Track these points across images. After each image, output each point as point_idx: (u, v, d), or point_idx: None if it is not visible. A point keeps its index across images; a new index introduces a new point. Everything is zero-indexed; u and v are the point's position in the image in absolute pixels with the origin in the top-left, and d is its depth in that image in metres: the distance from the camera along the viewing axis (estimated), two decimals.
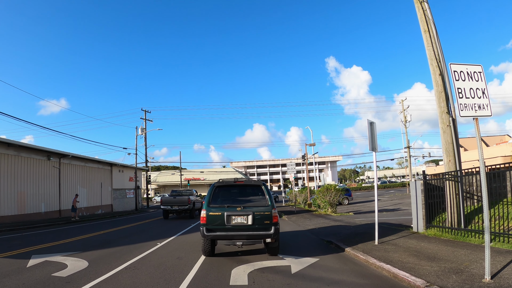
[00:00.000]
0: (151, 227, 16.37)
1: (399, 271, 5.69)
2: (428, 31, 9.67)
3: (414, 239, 8.85)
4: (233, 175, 72.10)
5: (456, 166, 8.98)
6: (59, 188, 25.41)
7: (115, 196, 34.60)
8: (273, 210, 7.06)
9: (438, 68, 9.33)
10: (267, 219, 6.96)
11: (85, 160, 29.29)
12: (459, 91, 5.01)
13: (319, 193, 19.30)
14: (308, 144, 26.56)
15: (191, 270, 6.42)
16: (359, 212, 19.82)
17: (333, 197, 18.68)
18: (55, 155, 25.22)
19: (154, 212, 32.08)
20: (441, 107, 9.20)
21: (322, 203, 19.38)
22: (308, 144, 26.54)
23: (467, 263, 6.15)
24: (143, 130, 44.09)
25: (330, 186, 18.64)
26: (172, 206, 20.20)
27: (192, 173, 77.27)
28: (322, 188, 19.05)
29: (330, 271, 6.25)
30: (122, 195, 36.06)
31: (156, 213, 29.57)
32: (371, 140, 8.16)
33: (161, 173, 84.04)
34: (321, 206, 20.02)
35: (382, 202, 29.50)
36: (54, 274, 6.35)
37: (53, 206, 24.70)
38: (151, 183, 78.17)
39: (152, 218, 23.59)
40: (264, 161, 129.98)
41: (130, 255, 8.20)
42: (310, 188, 28.16)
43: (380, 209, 21.89)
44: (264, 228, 6.94)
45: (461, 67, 5.16)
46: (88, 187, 29.35)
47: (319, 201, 19.65)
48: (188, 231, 13.71)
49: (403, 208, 21.76)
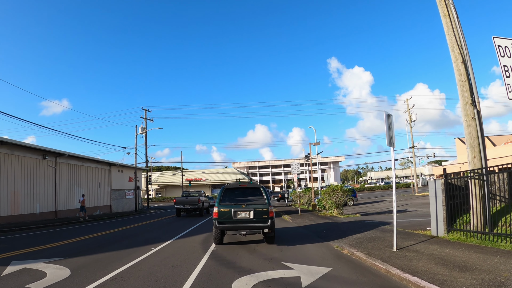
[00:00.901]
0: (148, 229, 15.54)
1: (430, 285, 4.81)
2: (448, 15, 8.78)
3: (435, 244, 7.95)
4: (235, 176, 71.25)
5: (482, 163, 8.08)
6: (55, 188, 24.63)
7: (114, 196, 33.82)
8: (269, 207, 8.80)
9: (460, 55, 8.44)
10: (265, 214, 8.68)
11: (83, 160, 28.52)
12: (505, 69, 4.13)
13: (325, 193, 18.41)
14: (312, 143, 25.67)
15: (186, 282, 5.56)
16: (366, 214, 18.92)
17: (340, 198, 17.79)
18: (51, 154, 24.45)
19: (154, 213, 31.26)
20: (464, 97, 8.31)
21: (327, 204, 18.49)
22: (312, 143, 25.64)
23: (507, 274, 5.27)
24: (144, 129, 43.36)
25: (337, 187, 17.74)
26: (185, 205, 22.80)
27: (194, 174, 76.49)
28: (328, 189, 18.16)
29: (346, 284, 5.38)
30: (121, 195, 35.29)
31: (156, 214, 28.76)
32: (388, 134, 7.28)
33: (163, 174, 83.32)
34: (326, 207, 19.13)
35: (388, 203, 28.57)
36: (28, 286, 5.51)
37: (49, 207, 23.92)
38: (152, 184, 77.50)
39: (151, 219, 22.77)
40: (266, 161, 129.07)
41: (119, 262, 7.35)
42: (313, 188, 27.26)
43: (387, 210, 20.99)
44: (262, 221, 8.68)
45: (507, 41, 4.28)
46: (86, 187, 28.56)
47: (325, 202, 18.76)
48: (186, 234, 12.85)
49: (411, 209, 20.83)
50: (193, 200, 22.73)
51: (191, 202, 22.71)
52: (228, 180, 71.35)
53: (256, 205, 8.88)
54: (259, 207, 8.81)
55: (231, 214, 8.77)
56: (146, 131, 43.50)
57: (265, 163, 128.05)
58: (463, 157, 35.16)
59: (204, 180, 74.20)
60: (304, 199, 26.95)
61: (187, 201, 22.78)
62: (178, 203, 22.99)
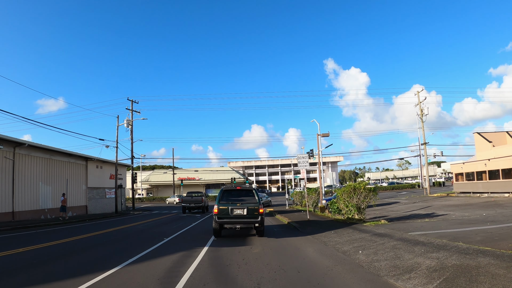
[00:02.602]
0: (106, 240, 11.47)
1: None
2: None
3: None
4: (230, 175, 67.19)
5: None
6: (12, 184, 20.40)
7: (92, 196, 29.60)
8: (260, 206, 10.57)
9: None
10: (256, 211, 10.48)
11: (51, 152, 24.28)
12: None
13: (343, 193, 14.43)
14: (320, 134, 21.71)
15: None
16: (392, 219, 14.94)
17: (363, 199, 13.85)
18: (8, 143, 20.23)
19: (137, 215, 27.14)
20: None
21: (346, 206, 14.52)
22: (321, 134, 21.69)
23: None
24: (129, 122, 39.20)
25: (359, 185, 13.77)
26: (190, 204, 26.14)
27: (187, 173, 72.19)
28: (347, 187, 14.19)
29: None
30: (100, 195, 31.06)
31: (138, 217, 24.65)
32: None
33: (154, 173, 78.93)
34: (342, 211, 15.18)
35: (405, 205, 24.70)
36: None
37: (4, 207, 19.70)
38: (143, 183, 73.14)
39: (126, 224, 18.71)
40: (262, 160, 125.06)
41: None
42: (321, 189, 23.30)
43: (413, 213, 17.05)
44: (254, 217, 10.46)
45: None
46: (54, 184, 24.34)
47: (342, 204, 14.79)
48: (152, 253, 8.73)
49: (441, 213, 16.94)
50: (198, 199, 26.30)
51: (195, 201, 26.17)
52: (223, 180, 67.28)
53: (249, 204, 10.47)
54: (252, 206, 10.42)
55: (228, 211, 10.35)
56: (132, 124, 39.31)
57: (262, 162, 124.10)
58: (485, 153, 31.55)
59: (197, 179, 69.95)
60: (310, 200, 23.00)
61: (192, 200, 26.19)
62: (184, 202, 26.26)
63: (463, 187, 32.92)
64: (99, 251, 9.12)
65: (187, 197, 26.68)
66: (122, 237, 12.39)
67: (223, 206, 10.42)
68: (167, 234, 12.68)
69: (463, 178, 33.59)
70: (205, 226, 15.83)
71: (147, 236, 12.49)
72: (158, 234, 12.74)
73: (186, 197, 26.95)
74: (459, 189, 33.54)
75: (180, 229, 14.71)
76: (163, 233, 13.07)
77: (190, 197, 26.51)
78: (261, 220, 10.41)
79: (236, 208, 10.37)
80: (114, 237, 12.33)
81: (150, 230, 14.80)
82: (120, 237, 12.21)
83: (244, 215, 10.32)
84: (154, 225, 17.48)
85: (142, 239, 11.63)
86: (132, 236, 12.49)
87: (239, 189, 11.22)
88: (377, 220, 14.48)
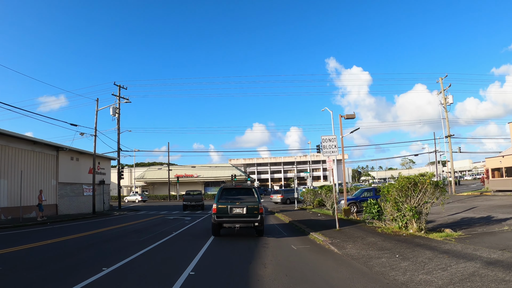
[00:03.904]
0: (54, 255, 6.81)
1: None
2: None
3: None
4: (230, 172, 62.47)
5: None
6: None
7: (64, 193, 24.92)
8: (260, 205, 10.27)
9: None
10: (256, 210, 10.16)
11: (6, 138, 19.57)
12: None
13: (394, 190, 9.58)
14: (344, 116, 16.95)
15: None
16: (452, 227, 10.11)
17: (427, 200, 9.07)
18: None
19: (119, 217, 22.56)
20: None
21: (398, 210, 9.71)
22: (344, 116, 16.93)
23: None
24: (116, 110, 34.54)
25: (423, 178, 8.97)
26: (191, 202, 28.38)
27: (184, 169, 67.42)
28: (402, 181, 9.36)
29: None
30: (76, 192, 26.38)
31: (117, 219, 20.13)
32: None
33: (150, 169, 74.25)
34: (388, 216, 10.40)
35: (441, 206, 19.89)
36: None
37: None
38: (139, 180, 68.51)
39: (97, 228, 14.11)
40: (265, 158, 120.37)
41: None
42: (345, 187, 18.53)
43: (465, 217, 12.24)
44: (253, 216, 10.13)
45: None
46: (11, 178, 19.65)
47: (390, 207, 9.95)
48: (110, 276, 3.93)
49: (501, 217, 12.16)
50: (198, 198, 28.90)
51: (196, 200, 28.70)
52: (223, 177, 62.60)
53: (249, 203, 10.31)
54: (251, 205, 10.26)
55: (227, 210, 10.20)
56: (119, 112, 34.68)
57: (264, 160, 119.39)
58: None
59: (196, 176, 65.15)
60: (328, 200, 18.27)
61: (193, 198, 28.70)
62: (186, 200, 28.71)
63: (502, 185, 28.00)
64: (46, 269, 4.56)
65: (188, 196, 29.18)
66: (86, 246, 7.89)
67: (222, 205, 10.28)
68: (129, 251, 7.97)
69: (500, 174, 28.78)
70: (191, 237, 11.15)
71: (105, 251, 7.80)
72: (117, 250, 8.01)
73: (187, 196, 29.36)
74: (496, 186, 28.61)
75: (152, 241, 10.02)
76: (125, 249, 8.35)
77: (191, 196, 29.08)
78: (261, 219, 10.24)
79: (235, 207, 10.23)
80: (73, 247, 7.94)
81: (116, 240, 10.17)
82: (74, 249, 7.62)
83: (243, 214, 10.18)
84: (128, 231, 12.85)
85: (91, 255, 6.92)
86: (84, 251, 7.77)
87: (238, 188, 11.16)
88: (439, 230, 9.69)
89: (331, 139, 11.55)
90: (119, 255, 7.58)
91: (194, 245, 9.10)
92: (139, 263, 6.86)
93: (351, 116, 17.04)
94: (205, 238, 10.47)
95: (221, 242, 9.84)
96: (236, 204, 10.25)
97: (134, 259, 7.28)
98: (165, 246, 9.30)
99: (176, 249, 8.89)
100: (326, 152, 11.39)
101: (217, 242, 9.75)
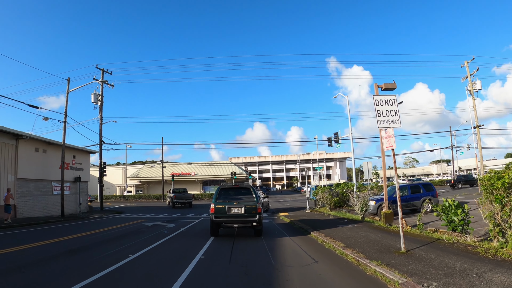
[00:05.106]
0: None
1: None
2: None
3: None
4: (229, 169, 57.94)
5: None
6: None
7: (27, 191, 20.47)
8: (258, 204, 10.09)
9: None
10: (254, 210, 10.01)
11: None
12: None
13: (496, 187, 5.10)
14: (382, 85, 12.42)
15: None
16: None
17: None
18: None
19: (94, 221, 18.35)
20: None
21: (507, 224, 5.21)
22: (382, 85, 12.42)
23: None
24: (98, 96, 30.15)
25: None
26: (182, 199, 30.93)
27: (181, 167, 62.89)
28: (506, 177, 4.89)
29: None
30: (42, 190, 21.91)
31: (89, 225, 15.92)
32: None
33: (145, 167, 69.75)
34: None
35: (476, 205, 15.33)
36: None
37: None
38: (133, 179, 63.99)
39: (54, 237, 9.61)
40: (266, 157, 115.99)
41: None
42: (385, 183, 14.00)
43: None
44: (252, 216, 10.00)
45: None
46: None
47: (496, 215, 5.46)
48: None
49: None
50: (188, 196, 31.58)
51: (186, 197, 31.06)
52: (223, 175, 58.04)
53: (247, 203, 10.12)
54: (249, 204, 10.05)
55: (225, 210, 10.01)
56: (101, 100, 30.30)
57: (265, 158, 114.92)
58: None
59: (193, 174, 60.58)
60: (358, 201, 13.74)
61: (184, 196, 31.07)
62: (177, 198, 30.59)
63: None
64: None
65: (179, 194, 31.45)
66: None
67: (220, 205, 10.11)
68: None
69: None
70: (144, 275, 6.64)
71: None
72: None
73: (178, 193, 31.52)
74: None
75: (103, 267, 5.55)
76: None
77: (182, 194, 31.57)
78: (259, 219, 10.03)
79: (233, 207, 10.07)
80: None
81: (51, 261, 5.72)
82: None
83: (241, 214, 10.00)
84: (63, 249, 8.36)
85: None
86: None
87: (236, 187, 11.03)
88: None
89: (389, 100, 7.05)
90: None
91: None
92: None
93: (391, 86, 12.50)
94: (175, 273, 5.96)
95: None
96: (234, 204, 10.13)
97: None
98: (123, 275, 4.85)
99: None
100: (382, 121, 6.89)
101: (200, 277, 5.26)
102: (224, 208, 9.99)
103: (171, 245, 9.18)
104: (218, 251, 8.08)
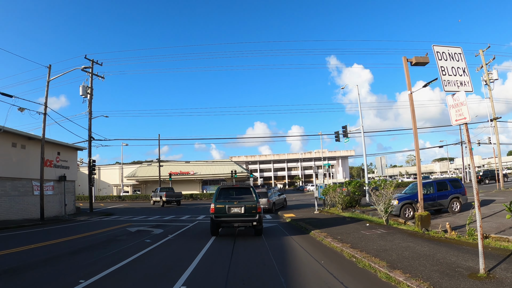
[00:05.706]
0: None
1: None
2: None
3: None
4: (230, 168, 55.71)
5: None
6: None
7: (2, 191, 18.26)
8: (258, 204, 10.17)
9: None
10: (254, 209, 10.06)
11: None
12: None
13: None
14: (412, 59, 10.20)
15: None
16: None
17: None
18: None
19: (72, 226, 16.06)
20: None
21: None
22: (412, 59, 10.22)
23: None
24: (87, 89, 28.00)
25: None
26: (172, 197, 32.86)
27: (179, 166, 60.69)
28: None
29: None
30: (21, 190, 19.69)
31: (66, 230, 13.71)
32: None
33: (142, 166, 67.53)
34: None
35: None
36: None
37: None
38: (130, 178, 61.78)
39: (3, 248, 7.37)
40: (267, 156, 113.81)
41: None
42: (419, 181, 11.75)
43: None
44: (252, 215, 10.03)
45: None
46: None
47: None
48: None
49: None
50: (178, 194, 34.15)
51: (176, 196, 33.44)
52: (223, 174, 55.80)
53: (247, 202, 10.19)
54: (249, 204, 10.11)
55: (225, 209, 10.05)
56: (91, 92, 28.11)
57: (267, 157, 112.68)
58: None
59: (192, 173, 58.34)
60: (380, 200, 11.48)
61: (174, 195, 33.40)
62: (168, 196, 32.49)
63: None
64: None
65: (170, 193, 33.02)
66: None
67: (220, 204, 10.13)
68: None
69: None
70: None
71: None
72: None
73: (169, 192, 33.08)
74: None
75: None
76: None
77: (173, 192, 33.56)
78: (259, 218, 10.06)
79: (233, 206, 10.11)
80: None
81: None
82: None
83: (241, 213, 10.04)
84: (26, 264, 6.13)
85: None
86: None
87: (236, 187, 11.14)
88: None
89: (454, 54, 4.76)
90: None
91: None
92: None
93: (422, 60, 10.32)
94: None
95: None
96: (234, 203, 10.17)
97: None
98: None
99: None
100: (449, 82, 4.63)
101: None
102: (224, 208, 10.03)
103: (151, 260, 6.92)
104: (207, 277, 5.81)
